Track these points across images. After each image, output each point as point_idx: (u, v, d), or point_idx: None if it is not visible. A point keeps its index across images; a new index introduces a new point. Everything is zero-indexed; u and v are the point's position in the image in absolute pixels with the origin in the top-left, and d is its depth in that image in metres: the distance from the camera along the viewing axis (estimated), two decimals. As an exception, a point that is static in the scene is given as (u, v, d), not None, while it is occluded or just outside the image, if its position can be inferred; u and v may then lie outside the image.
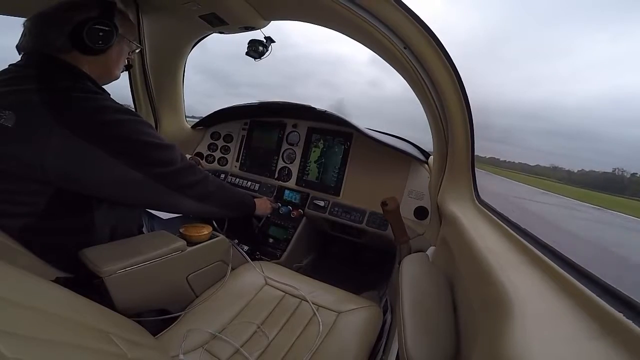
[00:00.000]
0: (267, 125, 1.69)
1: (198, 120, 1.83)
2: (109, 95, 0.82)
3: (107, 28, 0.78)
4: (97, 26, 0.76)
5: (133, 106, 1.54)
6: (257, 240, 1.48)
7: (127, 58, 0.93)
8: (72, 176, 0.70)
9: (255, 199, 1.22)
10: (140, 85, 1.48)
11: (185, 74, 1.57)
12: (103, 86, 0.85)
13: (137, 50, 0.96)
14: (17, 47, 0.80)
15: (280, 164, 1.62)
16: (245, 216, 1.29)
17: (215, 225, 1.18)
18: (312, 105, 1.41)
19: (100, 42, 0.77)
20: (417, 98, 1.04)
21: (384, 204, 1.01)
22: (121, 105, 0.79)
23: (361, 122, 1.41)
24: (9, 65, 0.77)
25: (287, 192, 1.55)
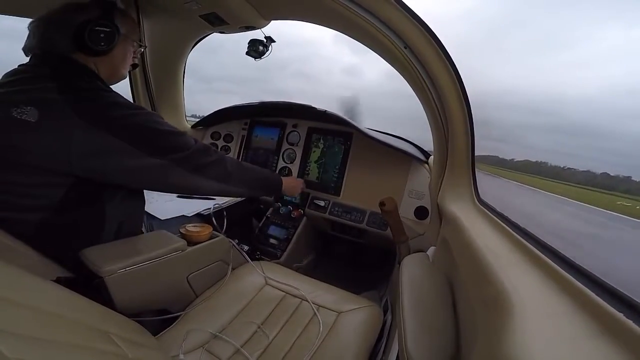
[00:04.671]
0: (267, 125, 1.69)
1: (197, 120, 1.83)
2: (117, 93, 0.84)
3: (108, 29, 0.79)
4: (98, 28, 0.78)
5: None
6: (258, 240, 1.48)
7: (134, 57, 0.94)
8: (96, 167, 0.73)
9: (283, 178, 1.21)
10: (141, 85, 1.48)
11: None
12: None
13: (142, 50, 0.97)
14: (24, 49, 0.81)
15: (281, 163, 1.62)
16: (274, 195, 1.32)
17: (216, 224, 1.18)
18: (313, 105, 1.41)
19: (102, 43, 0.79)
20: (399, 92, 1.03)
21: (381, 204, 1.01)
22: (130, 101, 0.82)
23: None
24: (19, 66, 0.79)
25: (287, 192, 1.55)
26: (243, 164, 1.05)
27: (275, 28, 1.15)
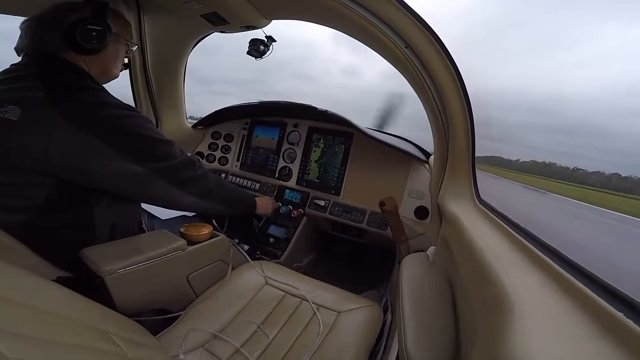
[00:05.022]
0: (267, 125, 1.69)
1: (197, 120, 1.84)
2: (108, 93, 0.83)
3: (99, 28, 0.79)
4: (89, 26, 0.78)
5: (134, 106, 1.54)
6: (258, 239, 1.48)
7: (126, 57, 0.94)
8: (74, 168, 0.72)
9: (257, 198, 1.23)
10: (141, 85, 1.48)
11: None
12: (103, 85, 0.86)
13: (134, 49, 0.97)
14: (16, 48, 0.81)
15: (281, 163, 1.62)
16: (246, 215, 1.29)
17: (216, 224, 1.18)
18: (313, 105, 1.41)
19: (94, 41, 0.79)
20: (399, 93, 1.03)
21: (381, 204, 1.01)
22: (121, 101, 0.81)
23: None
24: (11, 65, 0.79)
25: (287, 191, 1.55)
26: (224, 182, 1.05)
27: (274, 29, 1.15)
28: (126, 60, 0.97)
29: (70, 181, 0.73)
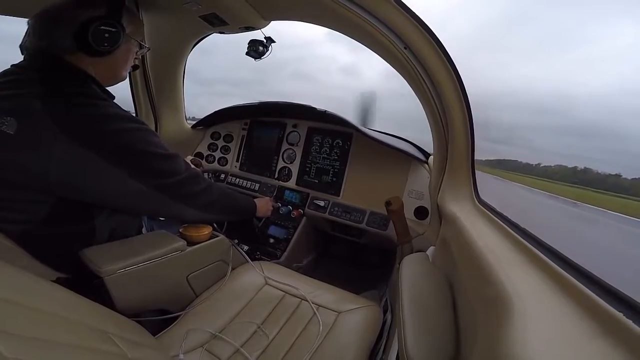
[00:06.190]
0: (267, 125, 1.69)
1: (196, 121, 1.84)
2: (114, 98, 0.81)
3: (113, 29, 0.74)
4: (103, 27, 0.73)
5: (133, 106, 1.54)
6: (257, 240, 1.48)
7: (135, 58, 0.89)
8: (75, 186, 0.69)
9: (256, 200, 1.23)
10: (140, 86, 1.48)
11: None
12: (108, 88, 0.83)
13: (145, 51, 0.92)
14: (21, 46, 0.77)
15: (281, 164, 1.62)
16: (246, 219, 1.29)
17: (215, 225, 1.18)
18: (313, 106, 1.42)
19: (106, 44, 0.74)
20: (398, 91, 1.03)
21: (388, 203, 1.01)
22: (126, 111, 0.76)
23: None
24: (11, 66, 0.74)
25: (287, 192, 1.56)
26: (227, 191, 1.03)
27: (272, 29, 1.15)
28: (136, 62, 0.92)
29: (71, 198, 0.70)
